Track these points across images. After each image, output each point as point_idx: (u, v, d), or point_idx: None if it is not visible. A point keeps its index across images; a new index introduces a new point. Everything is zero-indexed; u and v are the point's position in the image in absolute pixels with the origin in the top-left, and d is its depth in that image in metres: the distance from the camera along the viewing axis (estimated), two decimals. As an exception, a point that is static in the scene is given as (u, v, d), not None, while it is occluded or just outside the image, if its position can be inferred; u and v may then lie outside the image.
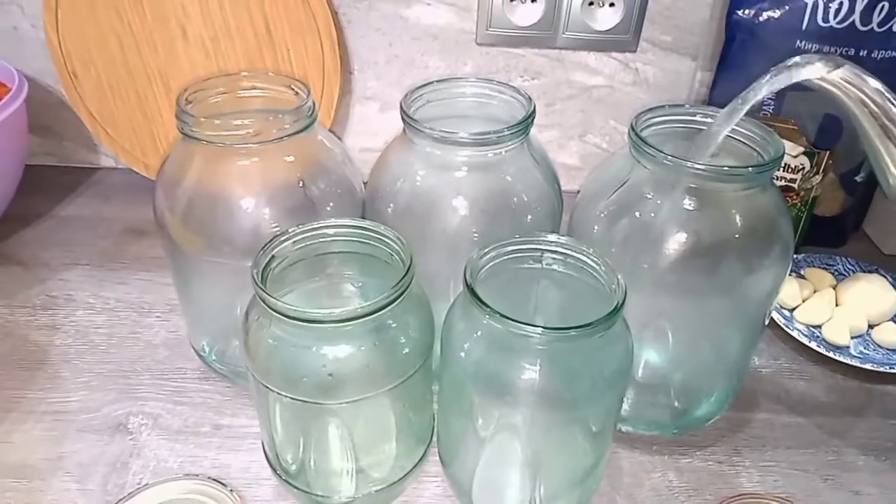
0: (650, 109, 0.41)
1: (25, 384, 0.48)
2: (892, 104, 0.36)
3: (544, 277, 0.39)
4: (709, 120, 0.41)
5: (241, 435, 0.45)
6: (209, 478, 0.41)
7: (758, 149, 0.39)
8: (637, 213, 0.40)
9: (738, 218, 0.39)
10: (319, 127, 0.44)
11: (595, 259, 0.36)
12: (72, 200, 0.69)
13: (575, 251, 0.37)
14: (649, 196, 0.39)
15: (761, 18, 0.57)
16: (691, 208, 0.38)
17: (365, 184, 0.46)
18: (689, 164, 0.37)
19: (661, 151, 0.37)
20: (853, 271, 0.59)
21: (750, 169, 0.37)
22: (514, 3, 0.61)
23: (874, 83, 0.37)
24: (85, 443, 0.44)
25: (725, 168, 0.37)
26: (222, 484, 0.40)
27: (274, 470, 0.40)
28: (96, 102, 0.65)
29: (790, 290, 0.56)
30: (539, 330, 0.32)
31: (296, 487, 0.39)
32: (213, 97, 0.42)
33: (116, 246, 0.62)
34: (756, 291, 0.40)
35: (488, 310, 0.33)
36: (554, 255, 0.38)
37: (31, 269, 0.59)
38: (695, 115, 0.41)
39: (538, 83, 0.67)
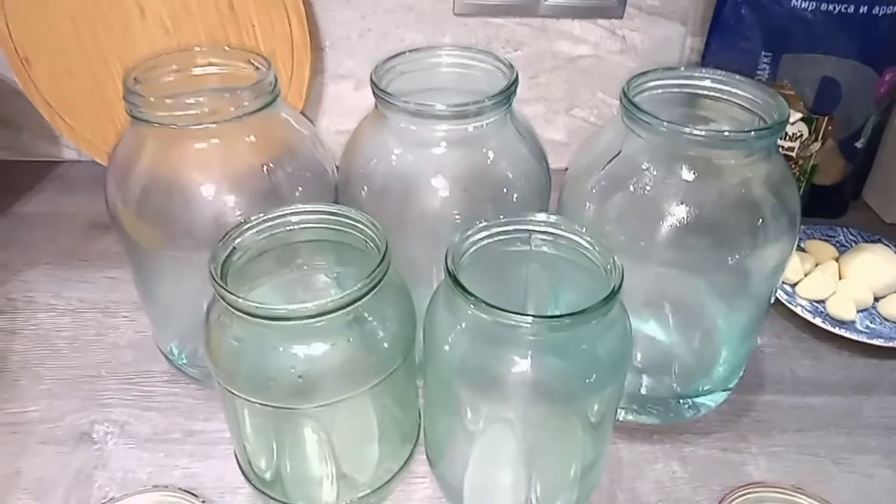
0: (643, 74, 0.38)
1: (-19, 394, 0.45)
2: None
3: (533, 260, 0.36)
4: (706, 83, 0.38)
5: (213, 441, 0.42)
6: (180, 489, 0.38)
7: (760, 112, 0.36)
8: (632, 187, 0.37)
9: (741, 188, 0.36)
10: (284, 105, 0.40)
11: (588, 239, 0.33)
12: (32, 196, 0.65)
13: (566, 231, 0.34)
14: (645, 167, 0.36)
15: (755, -24, 0.53)
16: (690, 179, 0.35)
17: (338, 167, 0.42)
18: (686, 130, 0.34)
19: (657, 118, 0.34)
20: (855, 242, 0.56)
21: (752, 133, 0.34)
22: (493, -32, 0.58)
23: None
24: (45, 455, 0.41)
25: (726, 133, 0.34)
26: (194, 495, 0.37)
27: (247, 479, 0.37)
28: (52, 90, 0.61)
29: (791, 265, 0.53)
30: (529, 319, 0.29)
31: (272, 497, 0.36)
32: (165, 76, 0.39)
33: (80, 242, 0.59)
34: (761, 266, 0.37)
35: (473, 299, 0.30)
36: (543, 237, 0.35)
37: (-11, 270, 0.56)
38: (691, 79, 0.38)
39: (521, 54, 0.63)
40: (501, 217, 0.34)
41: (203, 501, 0.37)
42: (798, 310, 0.50)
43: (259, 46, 0.59)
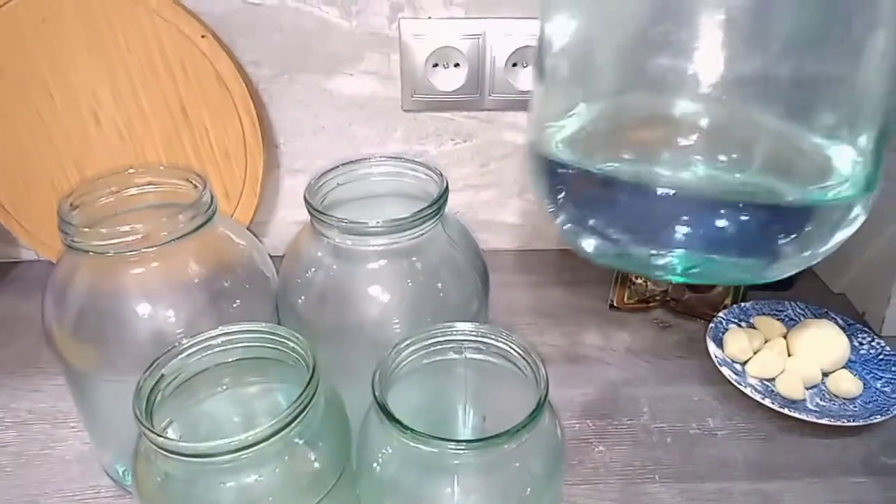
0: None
1: (-84, 523, 0.43)
2: None
3: (468, 367, 0.36)
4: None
5: (155, 563, 0.40)
6: None
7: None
8: None
9: None
10: (223, 219, 0.41)
11: (515, 347, 0.34)
12: (-11, 299, 0.65)
13: (495, 339, 0.34)
14: None
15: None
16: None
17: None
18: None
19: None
20: (803, 316, 0.57)
21: None
22: (437, 68, 0.60)
23: None
24: (-20, 588, 0.39)
25: None
26: None
27: None
28: (9, 195, 0.62)
29: (740, 343, 0.54)
30: (454, 444, 0.29)
31: None
32: (103, 198, 0.39)
33: (34, 348, 0.58)
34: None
35: (398, 426, 0.30)
36: (474, 345, 0.35)
37: (-63, 381, 0.55)
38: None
39: (471, 144, 0.66)
40: (428, 330, 0.34)
41: None
42: (748, 391, 0.50)
43: (213, 148, 0.60)
